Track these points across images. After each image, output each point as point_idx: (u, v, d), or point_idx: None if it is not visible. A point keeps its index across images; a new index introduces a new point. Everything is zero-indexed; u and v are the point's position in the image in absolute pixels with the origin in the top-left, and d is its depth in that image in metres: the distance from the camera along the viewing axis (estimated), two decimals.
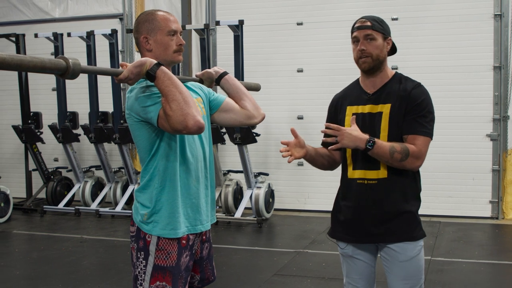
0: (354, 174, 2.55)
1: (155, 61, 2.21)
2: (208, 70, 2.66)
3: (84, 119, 8.16)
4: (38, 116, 8.30)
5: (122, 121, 7.60)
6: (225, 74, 2.65)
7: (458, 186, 7.36)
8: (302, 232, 6.76)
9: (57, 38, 8.00)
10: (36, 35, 8.14)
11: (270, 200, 7.52)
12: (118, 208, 7.75)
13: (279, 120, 7.76)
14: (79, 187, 8.19)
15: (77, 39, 7.99)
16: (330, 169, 2.74)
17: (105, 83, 7.72)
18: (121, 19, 8.77)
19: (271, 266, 5.24)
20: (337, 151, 2.64)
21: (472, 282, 4.74)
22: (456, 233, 6.54)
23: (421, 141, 2.45)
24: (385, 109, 2.51)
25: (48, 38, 8.04)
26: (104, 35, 7.71)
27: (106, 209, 7.87)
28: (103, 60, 7.80)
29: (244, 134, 7.03)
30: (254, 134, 7.11)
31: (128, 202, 7.83)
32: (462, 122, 7.31)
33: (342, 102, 2.66)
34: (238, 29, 7.17)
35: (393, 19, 7.40)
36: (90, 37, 7.79)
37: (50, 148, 8.89)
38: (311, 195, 7.95)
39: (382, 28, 2.52)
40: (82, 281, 4.89)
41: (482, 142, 7.28)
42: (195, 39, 8.27)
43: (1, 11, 9.36)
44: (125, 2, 8.73)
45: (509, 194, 7.25)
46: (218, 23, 7.54)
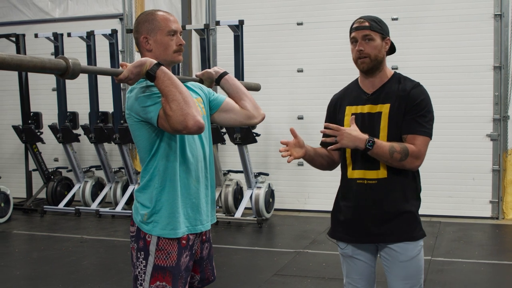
0: (353, 174, 2.55)
1: (155, 61, 2.21)
2: (208, 70, 2.66)
3: (84, 119, 8.16)
4: (38, 116, 8.30)
5: (122, 121, 7.60)
6: (225, 74, 2.65)
7: (458, 186, 7.36)
8: (302, 232, 6.76)
9: (57, 38, 8.00)
10: (36, 35, 8.14)
11: (270, 200, 7.52)
12: (118, 208, 7.75)
13: (279, 120, 7.76)
14: (79, 187, 8.19)
15: (77, 39, 7.99)
16: (329, 169, 2.74)
17: (105, 83, 7.72)
18: (121, 19, 8.77)
19: (271, 266, 5.24)
20: (336, 151, 2.63)
21: (472, 282, 4.74)
22: (456, 233, 6.54)
23: (420, 140, 2.45)
24: (384, 109, 2.51)
25: (48, 38, 8.04)
26: (104, 35, 7.71)
27: (106, 209, 7.86)
28: (103, 60, 7.80)
29: (244, 134, 7.03)
30: (254, 134, 7.11)
31: (128, 202, 7.83)
32: (462, 122, 7.31)
33: (341, 102, 2.66)
34: (238, 29, 7.17)
35: (393, 19, 7.41)
36: (90, 37, 7.80)
37: (50, 148, 8.89)
38: (311, 195, 7.95)
39: (380, 28, 2.51)
40: (82, 281, 4.89)
41: (482, 142, 7.28)
42: (195, 39, 8.27)
43: (1, 11, 9.36)
44: (125, 2, 8.73)
45: (509, 194, 7.25)
46: (218, 23, 7.54)
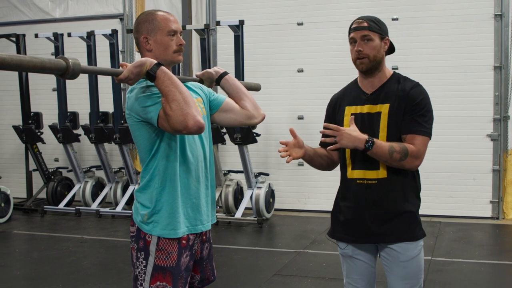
0: (353, 174, 2.55)
1: (155, 61, 2.21)
2: (208, 70, 2.66)
3: (84, 119, 8.16)
4: (38, 116, 8.31)
5: (122, 121, 7.60)
6: (225, 74, 2.65)
7: (459, 186, 7.36)
8: (303, 232, 6.76)
9: (57, 38, 8.00)
10: (36, 35, 8.14)
11: (271, 200, 7.52)
12: (119, 208, 7.75)
13: (280, 120, 7.76)
14: (80, 187, 8.19)
15: (77, 39, 7.99)
16: (328, 169, 2.75)
17: (105, 83, 7.72)
18: (121, 19, 8.77)
19: (272, 266, 5.24)
20: (335, 151, 2.63)
21: (472, 282, 4.74)
22: (456, 233, 6.53)
23: (420, 140, 2.45)
24: (383, 109, 2.50)
25: (48, 38, 8.04)
26: (104, 35, 7.71)
27: (107, 209, 7.86)
28: (103, 60, 7.80)
29: (244, 134, 7.03)
30: (255, 134, 7.11)
31: (128, 202, 7.83)
32: (463, 122, 7.31)
33: (341, 102, 2.66)
34: (238, 29, 7.17)
35: (393, 19, 7.40)
36: (90, 37, 7.80)
37: (51, 148, 8.89)
38: (312, 195, 7.95)
39: (379, 28, 2.51)
40: (82, 281, 4.89)
41: (483, 142, 7.28)
42: (196, 39, 8.27)
43: (1, 11, 9.37)
44: (125, 2, 8.73)
45: (509, 194, 7.24)
46: (218, 23, 7.54)
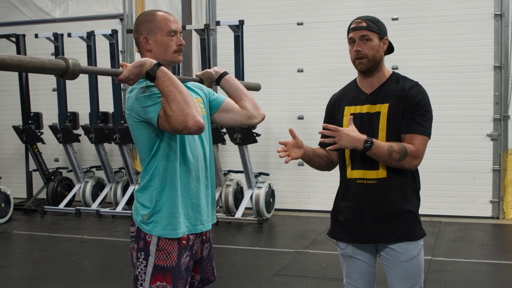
0: (352, 174, 2.55)
1: (155, 61, 2.21)
2: (208, 70, 2.66)
3: (84, 120, 8.17)
4: (38, 116, 8.31)
5: (122, 121, 7.60)
6: (225, 74, 2.65)
7: (459, 186, 7.36)
8: (303, 232, 6.76)
9: (57, 39, 8.00)
10: (36, 36, 8.14)
11: (271, 200, 7.52)
12: (119, 208, 7.75)
13: (280, 120, 7.76)
14: (80, 188, 8.19)
15: (77, 40, 7.99)
16: (327, 169, 2.75)
17: (105, 84, 7.72)
18: (121, 20, 8.77)
19: (272, 266, 5.24)
20: (334, 152, 2.63)
21: (472, 282, 4.73)
22: (456, 233, 6.53)
23: (419, 140, 2.45)
24: (383, 109, 2.50)
25: (48, 38, 8.04)
26: (104, 36, 7.71)
27: (107, 209, 7.86)
28: (103, 60, 7.80)
29: (244, 134, 7.03)
30: (255, 134, 7.11)
31: (128, 203, 7.83)
32: (463, 122, 7.31)
33: (340, 102, 2.65)
34: (238, 29, 7.17)
35: (393, 19, 7.41)
36: (90, 37, 7.80)
37: (51, 148, 8.89)
38: (312, 195, 7.95)
39: (378, 28, 2.51)
40: (82, 281, 4.89)
41: (483, 142, 7.28)
42: (196, 39, 8.27)
43: (1, 12, 9.37)
44: (125, 2, 8.73)
45: (509, 194, 7.24)
46: (218, 23, 7.54)
